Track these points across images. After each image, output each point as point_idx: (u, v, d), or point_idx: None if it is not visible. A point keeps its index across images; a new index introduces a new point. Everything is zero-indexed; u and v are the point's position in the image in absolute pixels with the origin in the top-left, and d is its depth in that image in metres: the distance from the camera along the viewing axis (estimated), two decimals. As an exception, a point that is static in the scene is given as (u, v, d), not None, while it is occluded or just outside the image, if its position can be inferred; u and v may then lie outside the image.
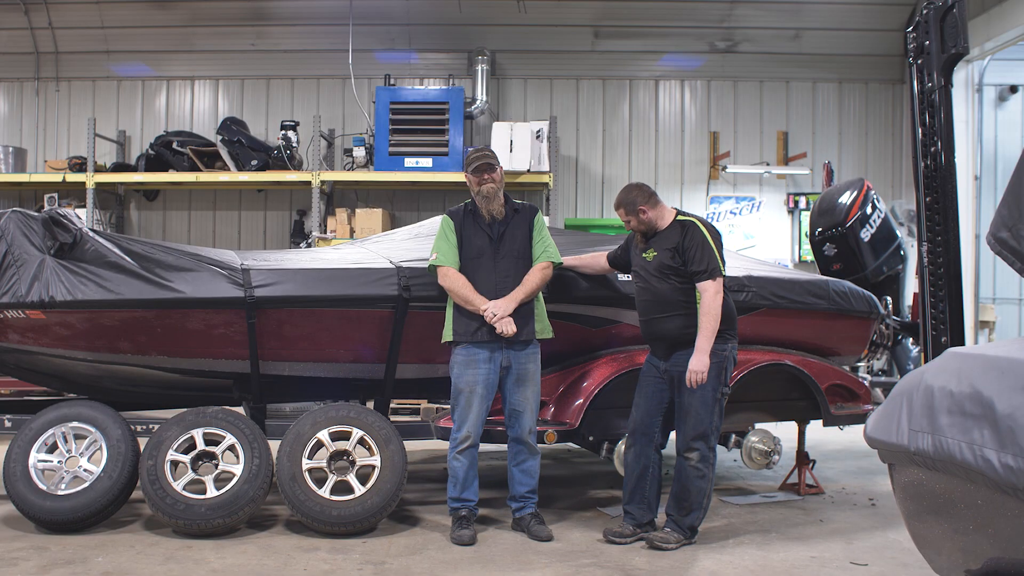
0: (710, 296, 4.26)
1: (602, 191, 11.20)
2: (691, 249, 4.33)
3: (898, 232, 6.82)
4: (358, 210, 10.02)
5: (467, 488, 4.49)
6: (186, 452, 4.52)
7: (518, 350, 4.49)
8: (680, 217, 4.49)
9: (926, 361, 4.78)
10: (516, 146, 9.60)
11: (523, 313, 4.47)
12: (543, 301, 4.67)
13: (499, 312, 4.35)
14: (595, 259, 4.93)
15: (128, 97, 11.34)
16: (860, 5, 10.73)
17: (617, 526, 4.54)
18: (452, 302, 4.53)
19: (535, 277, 4.52)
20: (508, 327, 4.35)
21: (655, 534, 4.40)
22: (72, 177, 10.23)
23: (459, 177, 9.54)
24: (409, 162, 9.87)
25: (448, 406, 4.64)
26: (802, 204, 10.92)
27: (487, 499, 5.24)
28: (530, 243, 4.60)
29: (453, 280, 4.46)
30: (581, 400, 4.81)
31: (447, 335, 4.53)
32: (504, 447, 4.68)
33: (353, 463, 4.61)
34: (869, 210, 6.58)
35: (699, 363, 4.22)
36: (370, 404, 5.25)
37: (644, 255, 4.51)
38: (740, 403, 5.18)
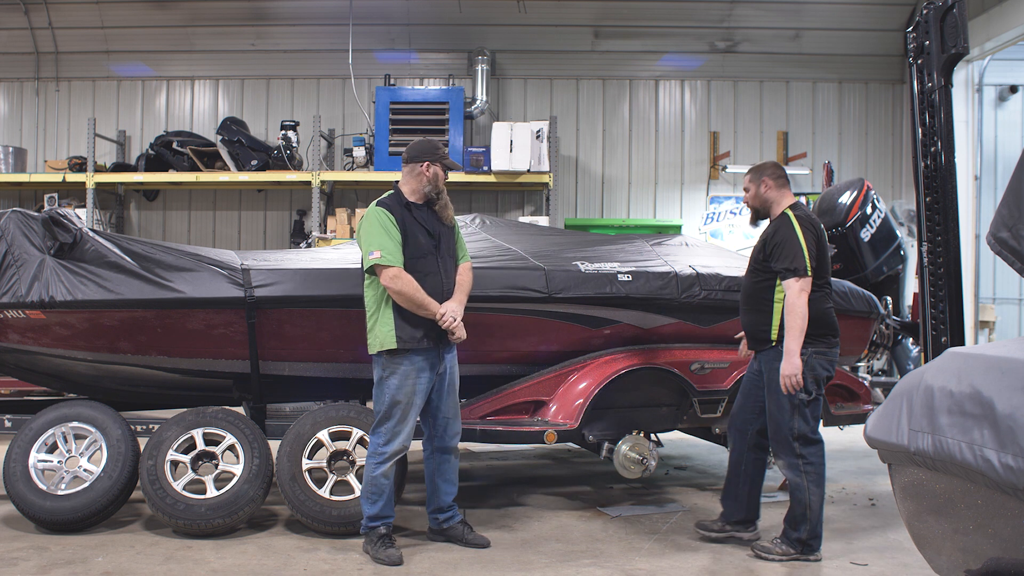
0: (793, 294, 4.04)
1: (602, 191, 11.21)
2: (779, 244, 4.13)
3: (898, 232, 6.82)
4: (358, 210, 10.02)
5: (388, 503, 4.21)
6: (186, 452, 4.52)
7: (451, 354, 4.30)
8: (786, 211, 4.28)
9: (926, 361, 4.78)
10: (516, 146, 9.61)
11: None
12: None
13: (457, 316, 4.10)
14: None
15: (128, 97, 11.35)
16: (860, 5, 10.74)
17: (710, 519, 4.55)
18: (392, 306, 4.10)
19: (470, 277, 4.31)
20: (463, 331, 4.13)
21: (762, 542, 4.29)
22: (72, 177, 10.25)
23: (459, 177, 9.56)
24: (409, 162, 9.86)
25: None
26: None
27: (485, 499, 5.24)
28: (455, 243, 4.36)
29: (406, 283, 4.03)
30: (581, 400, 4.80)
31: (387, 343, 4.08)
32: (504, 448, 4.66)
33: (353, 463, 4.60)
34: (869, 210, 6.58)
35: (789, 367, 4.01)
36: (370, 404, 5.25)
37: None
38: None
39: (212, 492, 4.41)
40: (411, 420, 4.18)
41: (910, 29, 4.82)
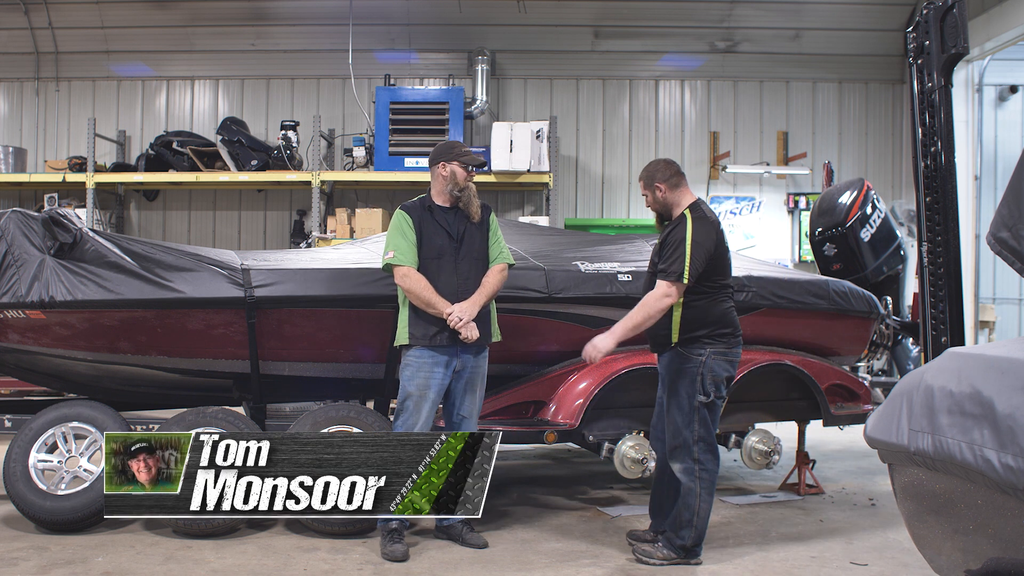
0: (655, 295, 4.00)
1: (602, 191, 11.21)
2: (667, 245, 4.08)
3: (898, 232, 6.82)
4: (358, 210, 10.02)
5: None
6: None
7: (472, 354, 4.33)
8: (685, 211, 4.17)
9: (926, 361, 4.77)
10: (516, 146, 9.61)
11: (481, 317, 4.28)
12: (494, 303, 4.50)
13: (465, 317, 4.16)
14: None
15: (128, 97, 11.35)
16: (860, 5, 10.74)
17: (642, 529, 4.44)
18: (408, 304, 4.29)
19: (495, 279, 4.35)
20: (473, 332, 4.18)
21: (643, 546, 4.21)
22: (72, 177, 10.25)
23: (459, 177, 9.55)
24: (409, 162, 9.89)
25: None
26: (802, 204, 10.93)
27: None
28: (487, 244, 4.42)
29: (415, 282, 4.21)
30: (581, 400, 4.81)
31: (401, 338, 4.30)
32: (504, 448, 4.66)
33: (353, 463, 4.60)
34: (869, 210, 6.58)
35: (600, 341, 4.02)
36: (370, 404, 5.25)
37: (653, 245, 4.36)
38: (740, 403, 5.18)
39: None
40: (424, 413, 4.23)
41: (910, 29, 4.81)
